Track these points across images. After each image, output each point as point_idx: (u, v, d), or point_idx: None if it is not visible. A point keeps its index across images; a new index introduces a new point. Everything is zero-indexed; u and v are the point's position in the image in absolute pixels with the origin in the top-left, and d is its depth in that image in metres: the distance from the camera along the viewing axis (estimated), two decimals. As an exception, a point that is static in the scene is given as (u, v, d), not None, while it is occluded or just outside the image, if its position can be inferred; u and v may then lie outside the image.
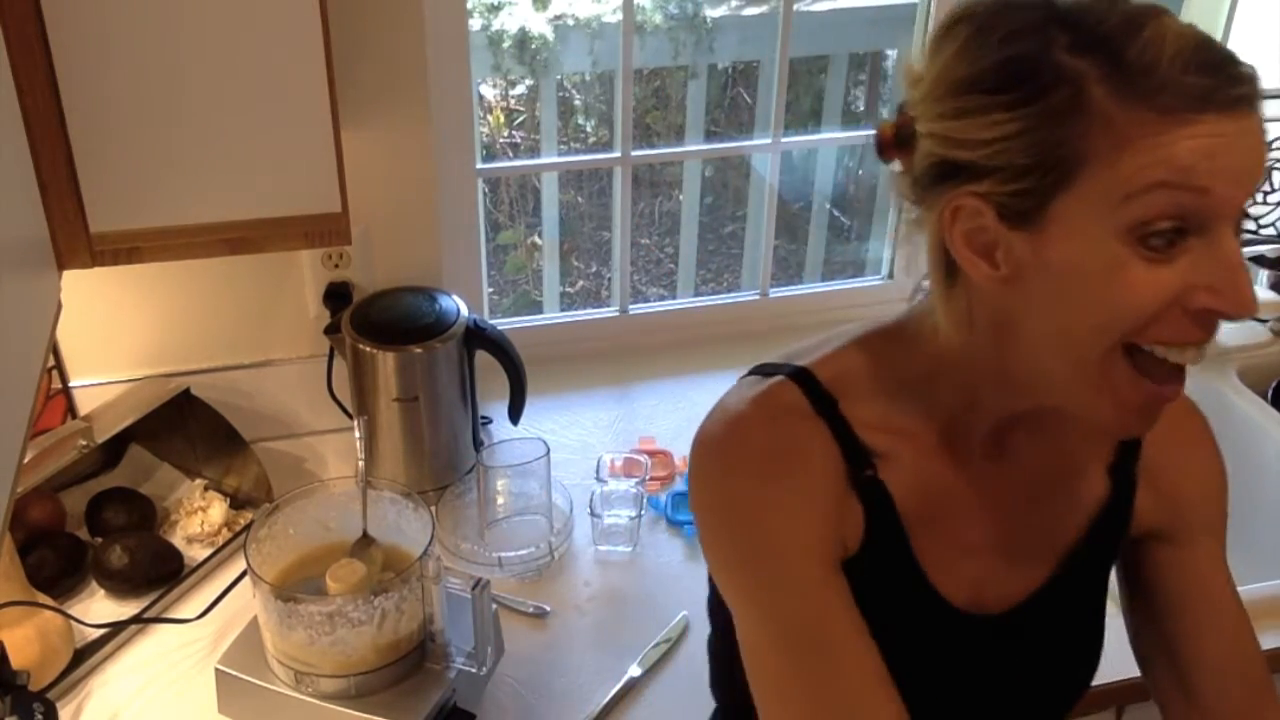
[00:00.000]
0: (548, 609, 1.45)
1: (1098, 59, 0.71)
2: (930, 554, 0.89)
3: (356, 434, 1.29)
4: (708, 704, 1.18)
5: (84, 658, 1.33)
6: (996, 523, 0.93)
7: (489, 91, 3.15)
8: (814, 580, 0.83)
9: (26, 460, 1.27)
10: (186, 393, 1.61)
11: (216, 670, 1.24)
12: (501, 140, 3.22)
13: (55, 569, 1.41)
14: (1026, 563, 0.96)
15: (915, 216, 0.82)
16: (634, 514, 1.55)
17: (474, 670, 1.22)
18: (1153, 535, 1.00)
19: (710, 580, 0.97)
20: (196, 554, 1.49)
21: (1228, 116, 0.70)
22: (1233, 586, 1.00)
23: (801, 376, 0.88)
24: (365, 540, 1.27)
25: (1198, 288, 0.72)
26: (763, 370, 0.92)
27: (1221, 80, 0.70)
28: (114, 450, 1.57)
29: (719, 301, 2.10)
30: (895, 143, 0.82)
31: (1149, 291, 0.71)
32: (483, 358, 1.61)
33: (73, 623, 1.33)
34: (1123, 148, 0.70)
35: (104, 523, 1.49)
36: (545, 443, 1.53)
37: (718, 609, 0.97)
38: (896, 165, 0.84)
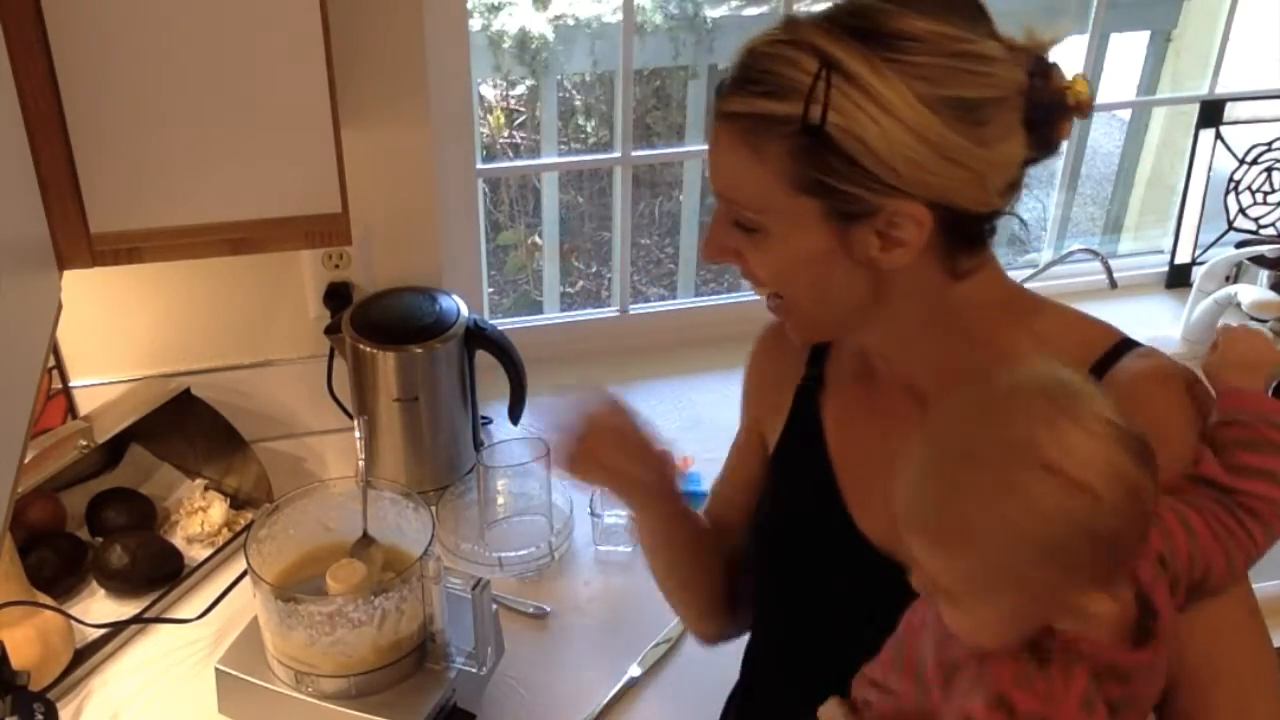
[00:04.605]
0: (548, 609, 1.45)
1: None
2: (853, 485, 0.99)
3: (357, 434, 1.29)
4: (707, 704, 1.18)
5: (84, 658, 1.33)
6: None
7: (489, 91, 3.15)
8: (741, 430, 1.15)
9: (26, 460, 1.27)
10: (186, 393, 1.61)
11: (216, 670, 1.24)
12: (501, 140, 3.21)
13: (55, 569, 1.41)
14: None
15: None
16: (634, 514, 1.55)
17: (474, 670, 1.22)
18: None
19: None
20: (196, 554, 1.49)
21: (715, 127, 0.86)
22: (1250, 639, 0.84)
23: None
24: (365, 540, 1.27)
25: None
26: None
27: (718, 97, 0.86)
28: (114, 450, 1.57)
29: (719, 302, 2.10)
30: None
31: None
32: (483, 358, 1.60)
33: (73, 623, 1.33)
34: None
35: (104, 523, 1.49)
36: (545, 443, 1.53)
37: None
38: None
